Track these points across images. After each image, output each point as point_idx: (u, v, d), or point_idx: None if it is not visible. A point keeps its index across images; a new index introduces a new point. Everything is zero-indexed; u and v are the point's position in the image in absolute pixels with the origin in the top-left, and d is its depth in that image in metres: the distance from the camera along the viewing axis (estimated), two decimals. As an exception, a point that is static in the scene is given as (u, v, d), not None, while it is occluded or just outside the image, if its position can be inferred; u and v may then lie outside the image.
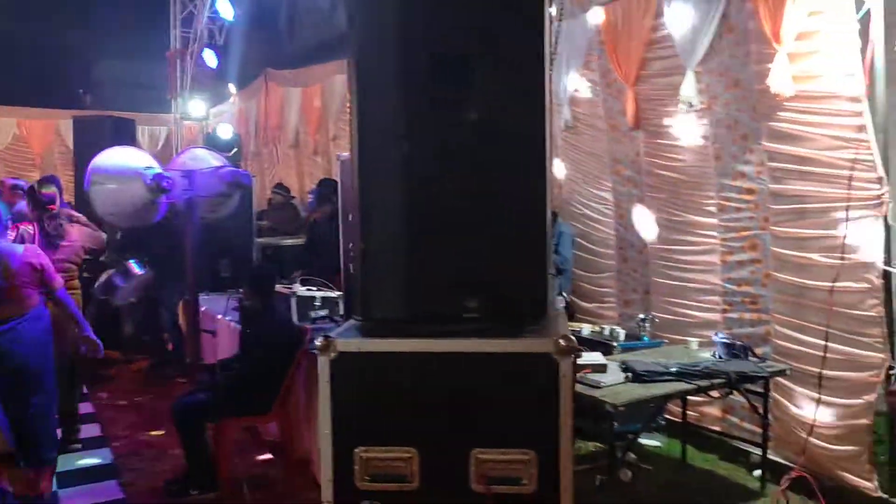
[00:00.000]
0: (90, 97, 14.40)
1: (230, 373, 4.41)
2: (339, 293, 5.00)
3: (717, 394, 4.54)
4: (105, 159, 4.69)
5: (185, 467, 4.35)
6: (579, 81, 5.85)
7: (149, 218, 4.75)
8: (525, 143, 1.98)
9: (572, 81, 5.89)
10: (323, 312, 5.00)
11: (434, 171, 1.98)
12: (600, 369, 4.05)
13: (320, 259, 6.27)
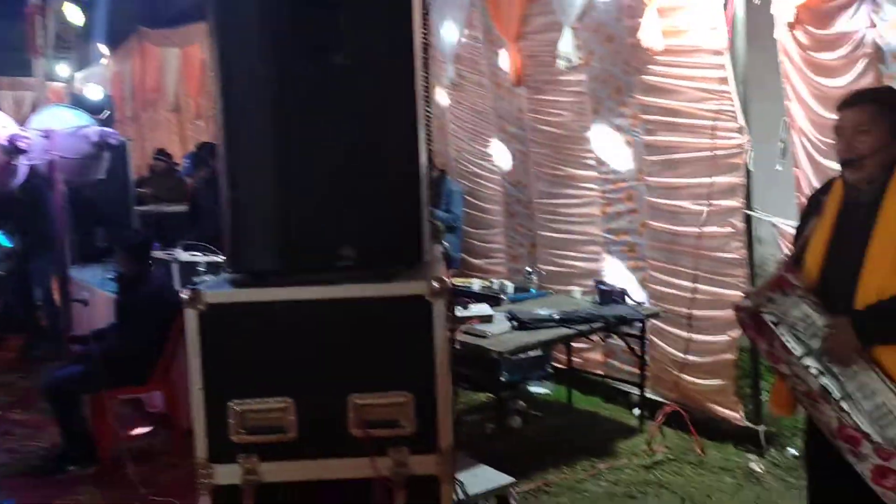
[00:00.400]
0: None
1: (104, 343, 4.22)
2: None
3: (598, 338, 4.76)
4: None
5: (62, 444, 4.17)
6: (462, 38, 5.86)
7: (5, 182, 4.43)
8: (394, 88, 1.96)
9: (455, 38, 5.89)
10: (208, 278, 4.85)
11: (304, 118, 1.93)
12: (487, 319, 4.15)
13: (204, 225, 6.08)
